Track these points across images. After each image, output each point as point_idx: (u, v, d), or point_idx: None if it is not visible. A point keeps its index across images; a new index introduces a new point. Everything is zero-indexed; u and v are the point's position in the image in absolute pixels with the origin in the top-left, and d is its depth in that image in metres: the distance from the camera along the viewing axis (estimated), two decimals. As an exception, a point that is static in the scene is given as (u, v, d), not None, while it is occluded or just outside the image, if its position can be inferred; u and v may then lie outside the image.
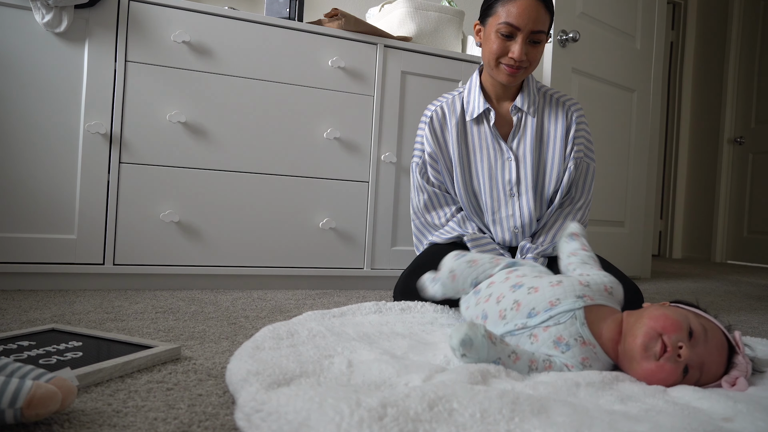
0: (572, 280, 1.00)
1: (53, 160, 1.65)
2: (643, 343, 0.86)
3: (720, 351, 0.88)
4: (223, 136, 1.83)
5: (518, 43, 1.42)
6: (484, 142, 1.55)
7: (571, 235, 1.21)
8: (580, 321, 0.92)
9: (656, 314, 0.89)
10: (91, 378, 0.81)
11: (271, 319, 1.38)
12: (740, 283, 2.93)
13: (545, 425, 0.61)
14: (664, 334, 0.85)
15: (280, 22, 1.90)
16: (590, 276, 1.03)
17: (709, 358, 0.86)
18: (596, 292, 0.97)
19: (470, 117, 1.55)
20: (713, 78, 4.72)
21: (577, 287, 0.97)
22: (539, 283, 1.00)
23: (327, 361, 0.85)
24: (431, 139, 1.57)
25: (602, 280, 1.01)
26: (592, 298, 0.95)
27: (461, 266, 1.18)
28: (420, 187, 1.58)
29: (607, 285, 1.00)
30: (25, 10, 1.60)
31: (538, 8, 1.41)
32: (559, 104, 1.57)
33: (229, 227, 1.84)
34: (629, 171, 2.94)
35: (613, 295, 1.00)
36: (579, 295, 0.95)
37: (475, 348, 0.85)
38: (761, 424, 0.67)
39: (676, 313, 0.88)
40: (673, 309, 0.91)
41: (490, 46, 1.46)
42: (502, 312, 0.99)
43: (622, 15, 2.84)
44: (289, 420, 0.60)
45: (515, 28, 1.41)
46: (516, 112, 1.55)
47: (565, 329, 0.91)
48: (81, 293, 1.61)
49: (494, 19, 1.44)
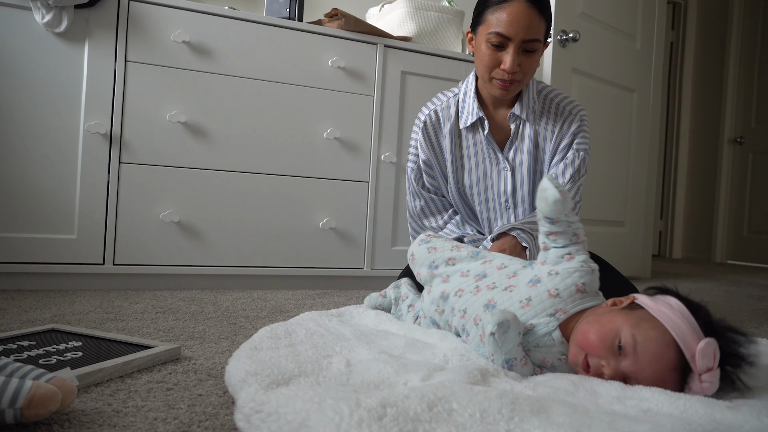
0: (541, 294, 0.93)
1: (53, 160, 1.65)
2: (572, 360, 0.87)
3: (655, 365, 0.80)
4: (223, 136, 1.84)
5: (510, 54, 1.31)
6: (480, 150, 1.47)
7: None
8: (559, 340, 0.89)
9: (583, 329, 0.86)
10: (91, 378, 0.81)
11: (271, 319, 1.38)
12: (740, 283, 2.93)
13: (545, 425, 0.61)
14: (588, 354, 0.84)
15: (280, 22, 1.90)
16: (559, 275, 0.94)
17: (642, 374, 0.80)
18: (568, 300, 0.91)
19: (464, 125, 1.47)
20: (713, 78, 4.72)
21: (547, 303, 0.91)
22: (510, 304, 0.94)
23: (325, 360, 0.85)
24: (425, 145, 1.50)
25: (572, 279, 0.93)
26: (565, 311, 0.90)
27: (421, 252, 1.17)
28: (416, 193, 1.53)
29: (579, 283, 0.93)
30: (25, 10, 1.61)
31: (530, 15, 1.29)
32: (558, 110, 1.46)
33: (229, 227, 1.84)
34: (629, 171, 2.94)
35: (587, 291, 0.93)
36: (551, 314, 0.90)
37: (507, 336, 0.84)
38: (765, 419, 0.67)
39: (605, 327, 0.84)
40: (609, 318, 0.85)
41: (481, 57, 1.36)
42: (482, 337, 0.93)
43: (622, 15, 2.84)
44: (289, 420, 0.60)
45: (506, 37, 1.30)
46: (514, 119, 1.45)
47: (547, 352, 0.89)
48: (81, 293, 1.61)
49: (484, 27, 1.34)
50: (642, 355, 0.80)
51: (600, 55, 2.71)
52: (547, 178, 0.94)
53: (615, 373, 0.82)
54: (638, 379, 0.81)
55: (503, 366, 0.86)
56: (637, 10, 2.92)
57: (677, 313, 0.83)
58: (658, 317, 0.83)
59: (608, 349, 0.82)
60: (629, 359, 0.81)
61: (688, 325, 0.81)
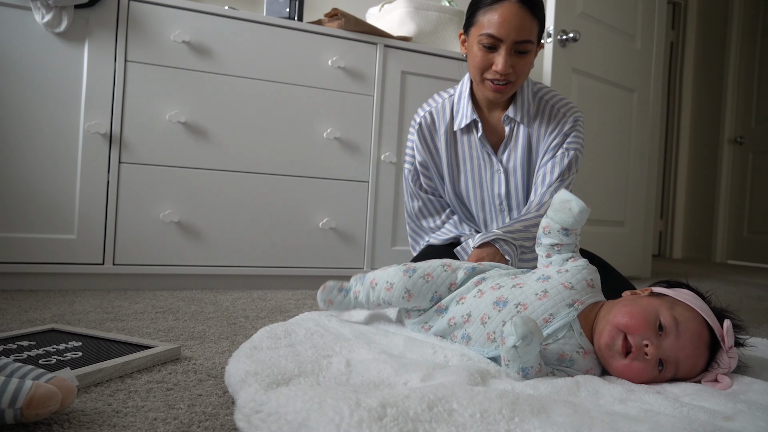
0: (557, 286, 0.94)
1: (53, 160, 1.65)
2: (606, 343, 0.86)
3: (696, 343, 0.84)
4: (223, 136, 1.83)
5: (502, 56, 1.30)
6: (474, 152, 1.47)
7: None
8: (578, 332, 0.89)
9: (622, 311, 0.86)
10: (91, 378, 0.81)
11: (270, 320, 1.38)
12: (740, 283, 2.93)
13: (545, 425, 0.61)
14: (628, 333, 0.84)
15: (280, 22, 1.90)
16: (569, 272, 0.96)
17: (683, 352, 0.84)
18: (582, 292, 0.93)
19: (458, 127, 1.46)
20: (713, 78, 4.72)
21: (565, 294, 0.92)
22: (525, 298, 0.94)
23: (325, 360, 0.85)
24: (421, 147, 1.50)
25: (582, 275, 0.96)
26: (582, 302, 0.91)
27: (417, 283, 1.05)
28: (413, 194, 1.54)
29: (588, 279, 0.95)
30: (25, 10, 1.60)
31: (522, 16, 1.29)
32: (553, 112, 1.44)
33: (229, 227, 1.84)
34: (629, 171, 2.94)
35: (595, 286, 0.96)
36: (569, 304, 0.91)
37: (529, 347, 0.82)
38: (762, 423, 0.67)
39: (645, 308, 0.86)
40: (647, 301, 0.88)
41: (473, 59, 1.35)
42: (490, 335, 0.93)
43: (622, 15, 2.84)
44: (289, 420, 0.60)
45: (497, 39, 1.29)
46: (508, 122, 1.44)
47: (565, 344, 0.88)
48: (81, 293, 1.61)
49: (476, 29, 1.33)
50: (683, 333, 0.84)
51: (600, 55, 2.71)
52: (564, 191, 0.98)
53: (657, 351, 0.83)
54: (677, 358, 0.84)
55: (518, 373, 0.84)
56: (637, 10, 2.92)
57: (697, 298, 0.89)
58: (685, 302, 0.88)
59: (651, 329, 0.84)
60: (670, 338, 0.84)
61: (709, 309, 0.89)
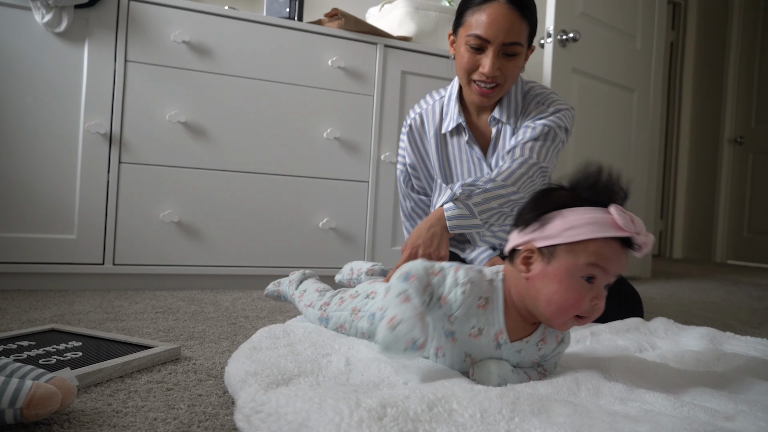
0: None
1: (53, 160, 1.65)
2: (562, 325, 0.79)
3: (621, 259, 0.77)
4: (223, 136, 1.83)
5: (489, 57, 1.27)
6: (464, 155, 1.45)
7: None
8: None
9: (552, 302, 0.76)
10: (91, 378, 0.81)
11: (270, 320, 1.38)
12: (740, 283, 2.93)
13: (545, 425, 0.61)
14: (575, 312, 0.77)
15: (280, 22, 1.90)
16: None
17: (617, 272, 0.77)
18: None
19: (445, 129, 1.44)
20: (713, 78, 4.72)
21: None
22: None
23: (325, 359, 0.85)
24: (410, 150, 1.51)
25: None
26: None
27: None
28: (405, 195, 1.56)
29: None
30: (25, 10, 1.60)
31: (511, 17, 1.25)
32: (539, 106, 1.38)
33: (229, 227, 1.84)
34: (629, 171, 2.94)
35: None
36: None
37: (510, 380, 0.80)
38: (763, 424, 0.67)
39: (566, 284, 0.76)
40: (554, 271, 0.77)
41: (460, 59, 1.32)
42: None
43: (622, 15, 2.83)
44: (289, 421, 0.60)
45: (484, 40, 1.26)
46: (495, 123, 1.40)
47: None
48: (81, 293, 1.61)
49: (464, 29, 1.30)
50: (608, 266, 0.76)
51: (600, 55, 2.71)
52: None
53: (602, 296, 0.77)
54: (612, 277, 0.77)
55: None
56: (637, 10, 2.92)
57: (578, 214, 0.80)
58: (577, 238, 0.77)
59: (588, 293, 0.76)
60: (602, 277, 0.76)
61: (592, 216, 0.79)
